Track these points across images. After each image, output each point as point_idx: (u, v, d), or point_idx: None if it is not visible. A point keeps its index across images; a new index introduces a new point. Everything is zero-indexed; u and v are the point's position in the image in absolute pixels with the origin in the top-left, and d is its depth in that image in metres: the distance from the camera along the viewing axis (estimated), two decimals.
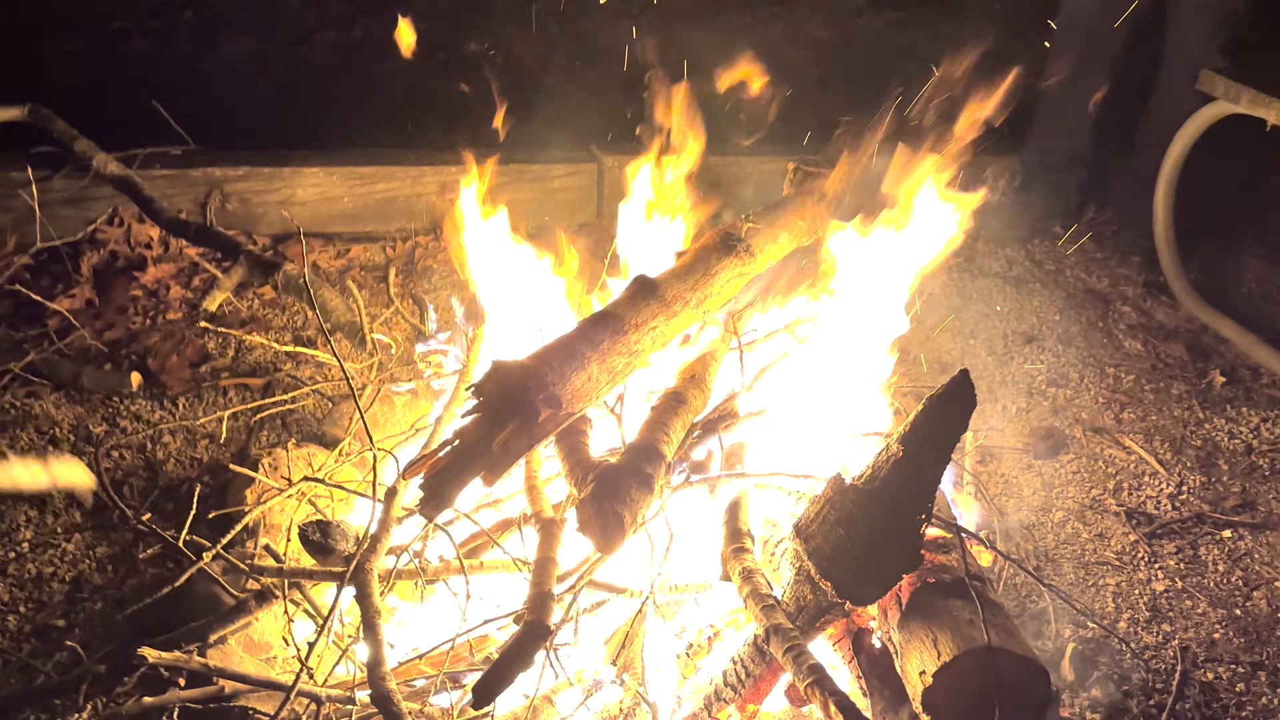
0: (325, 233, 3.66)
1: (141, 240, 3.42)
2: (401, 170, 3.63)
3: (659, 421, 1.90)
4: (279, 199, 3.58)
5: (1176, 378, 3.26)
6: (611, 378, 1.86)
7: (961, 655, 1.56)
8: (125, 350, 2.97)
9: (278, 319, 3.20)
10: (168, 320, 3.12)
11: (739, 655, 1.86)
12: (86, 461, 2.53)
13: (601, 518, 1.64)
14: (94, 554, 2.32)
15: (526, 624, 1.58)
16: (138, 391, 2.81)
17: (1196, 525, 2.66)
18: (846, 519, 1.67)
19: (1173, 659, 2.26)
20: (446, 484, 1.59)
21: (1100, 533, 2.60)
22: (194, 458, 2.61)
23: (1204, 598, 2.44)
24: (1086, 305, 3.62)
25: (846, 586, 1.67)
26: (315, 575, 1.85)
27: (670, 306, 2.02)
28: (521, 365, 1.70)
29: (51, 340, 2.90)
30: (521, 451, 1.69)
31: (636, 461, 1.74)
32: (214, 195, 3.49)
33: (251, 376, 2.91)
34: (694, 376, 2.09)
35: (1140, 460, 2.87)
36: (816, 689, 1.48)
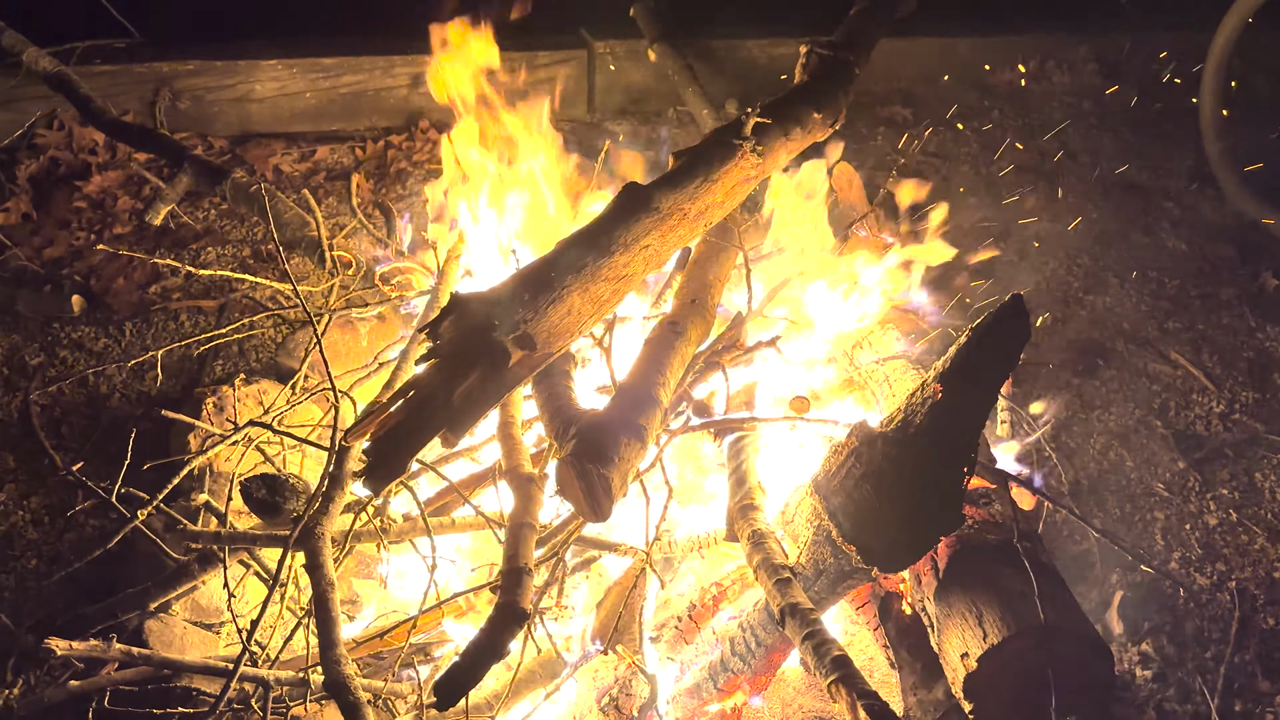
0: (287, 133, 3.33)
1: (85, 146, 3.10)
2: (369, 60, 3.28)
3: (654, 358, 1.63)
4: (234, 96, 3.24)
5: (1225, 281, 2.97)
6: (597, 308, 1.58)
7: (1012, 637, 1.32)
8: (67, 270, 2.69)
9: (236, 231, 2.90)
10: (115, 235, 2.83)
11: (747, 621, 1.62)
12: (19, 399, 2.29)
13: (586, 480, 1.38)
14: (29, 504, 2.09)
15: (498, 608, 1.34)
16: (80, 316, 2.54)
17: (1251, 448, 2.41)
18: (875, 473, 1.41)
19: (1229, 603, 2.03)
20: (397, 448, 1.32)
21: (1146, 459, 2.35)
22: (141, 391, 2.36)
23: (1261, 531, 2.20)
24: (1127, 200, 3.30)
25: (874, 551, 1.43)
26: (259, 540, 1.61)
27: (666, 219, 1.72)
28: (485, 299, 1.43)
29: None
30: (489, 403, 1.43)
31: (627, 411, 1.47)
32: (162, 93, 3.15)
33: (205, 298, 2.63)
34: (694, 300, 1.81)
35: (1187, 375, 2.61)
36: (842, 687, 1.24)
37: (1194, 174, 3.44)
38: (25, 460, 2.18)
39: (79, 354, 2.45)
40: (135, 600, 1.73)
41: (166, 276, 2.70)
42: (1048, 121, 3.66)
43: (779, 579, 1.42)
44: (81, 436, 2.24)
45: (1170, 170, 3.47)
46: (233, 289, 2.66)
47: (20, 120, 3.02)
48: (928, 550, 1.44)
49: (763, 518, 1.57)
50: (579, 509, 1.42)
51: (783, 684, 1.74)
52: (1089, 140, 3.60)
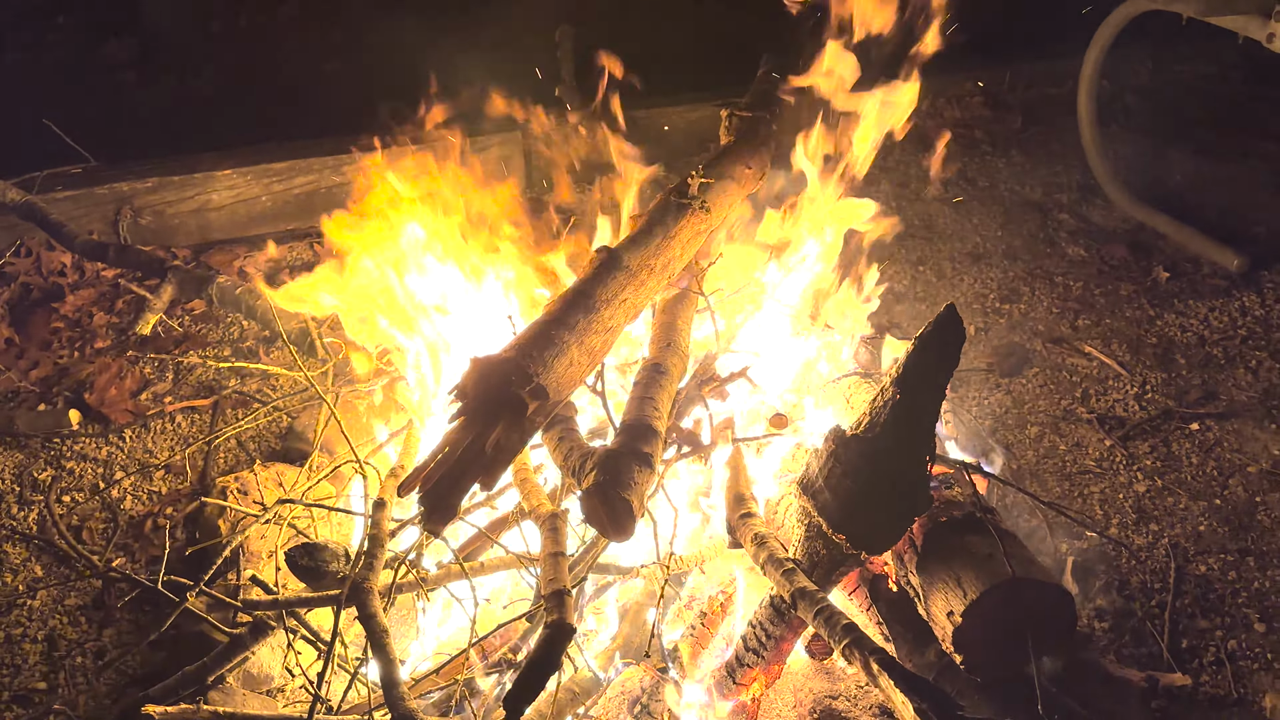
0: (247, 236, 3.50)
1: (54, 268, 3.24)
2: (319, 161, 3.48)
3: (645, 396, 1.85)
4: (193, 207, 3.41)
5: (1123, 278, 3.31)
6: (592, 359, 1.80)
7: (988, 591, 1.55)
8: (57, 387, 2.81)
9: (213, 333, 3.05)
10: (97, 349, 2.96)
11: (756, 619, 1.83)
12: (36, 512, 2.41)
13: (609, 506, 1.59)
14: (64, 607, 2.20)
15: (549, 625, 1.53)
16: (79, 429, 2.67)
17: (1165, 422, 2.71)
18: (853, 470, 1.64)
19: (1165, 557, 2.30)
20: (446, 495, 1.52)
21: (1076, 442, 2.63)
22: (152, 491, 2.49)
23: (1184, 492, 2.49)
24: (1025, 216, 3.64)
25: (861, 537, 1.65)
26: (312, 601, 1.77)
27: (637, 276, 1.96)
28: (502, 359, 1.63)
29: None
30: (516, 450, 1.63)
31: (633, 442, 1.69)
32: (124, 211, 3.31)
33: (197, 398, 2.78)
34: (669, 344, 2.03)
35: (1102, 365, 2.91)
36: (855, 649, 1.45)
37: (1082, 186, 3.81)
38: (51, 568, 2.30)
39: (85, 464, 2.57)
40: (194, 677, 1.86)
41: (155, 382, 2.85)
42: (947, 153, 4.01)
43: (785, 570, 1.63)
44: (103, 539, 2.37)
45: (1061, 185, 3.83)
46: (223, 387, 2.82)
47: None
48: (905, 531, 1.67)
49: (759, 522, 1.78)
50: (603, 532, 1.62)
51: (790, 675, 1.94)
52: (985, 165, 3.96)
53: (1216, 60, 4.76)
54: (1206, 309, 3.15)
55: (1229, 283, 3.28)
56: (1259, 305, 3.17)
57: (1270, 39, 2.97)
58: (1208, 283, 3.29)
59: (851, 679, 1.91)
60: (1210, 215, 3.66)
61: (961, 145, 4.06)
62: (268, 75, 4.19)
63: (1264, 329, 3.07)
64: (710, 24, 4.67)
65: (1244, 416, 2.72)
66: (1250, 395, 2.80)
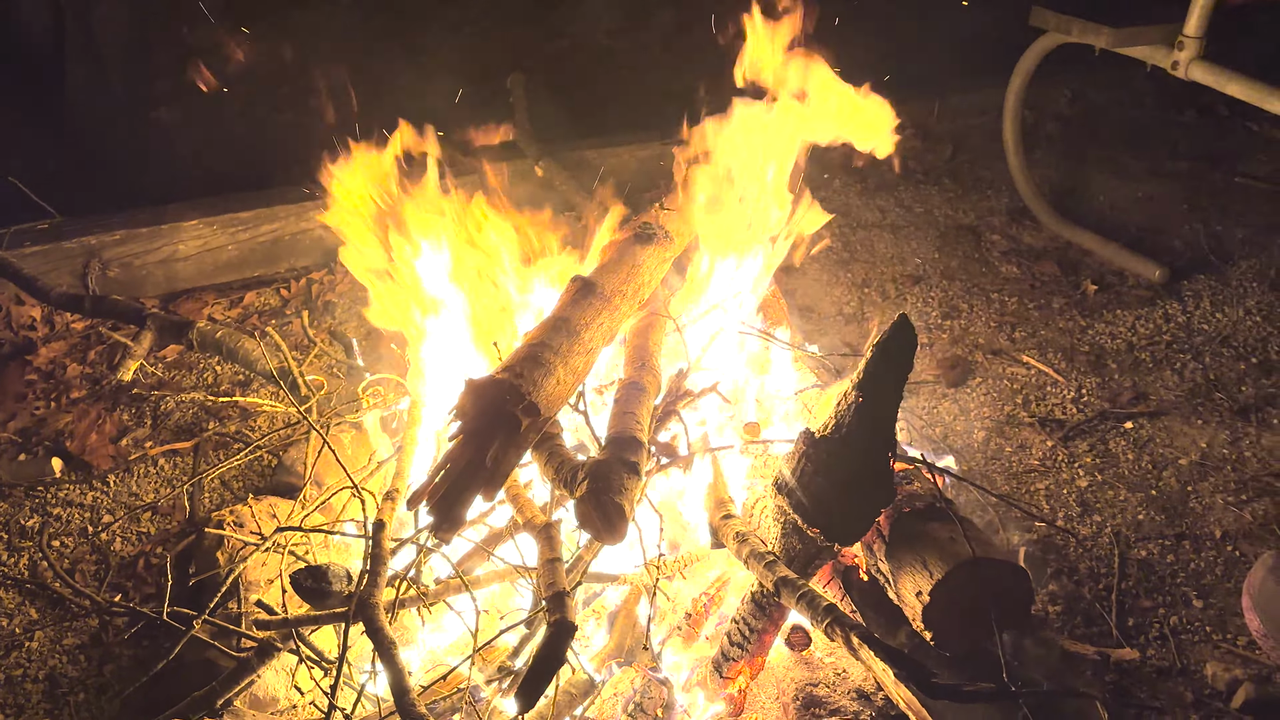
0: (214, 284, 3.58)
1: (24, 322, 3.29)
2: (283, 209, 3.58)
3: (626, 412, 1.98)
4: (160, 258, 3.48)
5: (1054, 293, 3.52)
6: (576, 378, 1.93)
7: (953, 570, 1.70)
8: (36, 437, 2.86)
9: (187, 379, 3.12)
10: (72, 399, 3.02)
11: (740, 615, 1.96)
12: (26, 558, 2.46)
13: (602, 510, 1.71)
14: (62, 647, 2.25)
15: (554, 624, 1.64)
16: (61, 477, 2.72)
17: (1101, 422, 2.90)
18: (823, 468, 1.79)
19: (1109, 544, 2.48)
20: (452, 506, 1.63)
21: (1021, 444, 2.81)
22: (141, 532, 2.55)
23: (1123, 485, 2.67)
24: (960, 239, 3.86)
25: (834, 530, 1.79)
26: (321, 619, 1.86)
27: (611, 301, 2.10)
28: (496, 380, 1.76)
29: None
30: (513, 463, 1.75)
31: (620, 452, 1.81)
32: (93, 264, 3.37)
33: (178, 441, 2.85)
34: (643, 364, 2.17)
35: (1040, 373, 3.11)
36: (837, 627, 1.59)
37: (1011, 209, 4.04)
38: (46, 610, 2.35)
39: (72, 509, 2.62)
40: (203, 701, 1.94)
41: (134, 428, 2.91)
42: (882, 183, 4.23)
43: (767, 562, 1.77)
44: (95, 580, 2.42)
45: (992, 209, 4.06)
46: (203, 429, 2.89)
47: None
48: (873, 522, 1.82)
49: (739, 523, 1.92)
50: (597, 536, 1.74)
51: (772, 668, 2.06)
52: (919, 193, 4.18)
53: (1130, 88, 5.07)
54: (1133, 317, 3.37)
55: (1152, 293, 3.51)
56: (1180, 312, 3.40)
57: (1174, 66, 3.22)
58: (1133, 293, 3.52)
59: (829, 667, 2.04)
60: (1131, 231, 3.92)
61: (896, 175, 4.28)
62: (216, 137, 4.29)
63: (1186, 334, 3.29)
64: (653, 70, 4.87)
65: (1173, 414, 2.93)
66: (1177, 394, 3.01)
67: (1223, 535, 2.51)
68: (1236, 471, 2.71)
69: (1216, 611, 2.31)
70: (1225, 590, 2.36)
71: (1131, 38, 3.26)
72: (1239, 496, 2.63)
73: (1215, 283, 3.57)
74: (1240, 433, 2.85)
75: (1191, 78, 3.19)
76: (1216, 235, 3.90)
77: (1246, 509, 2.58)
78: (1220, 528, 2.53)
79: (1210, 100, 4.79)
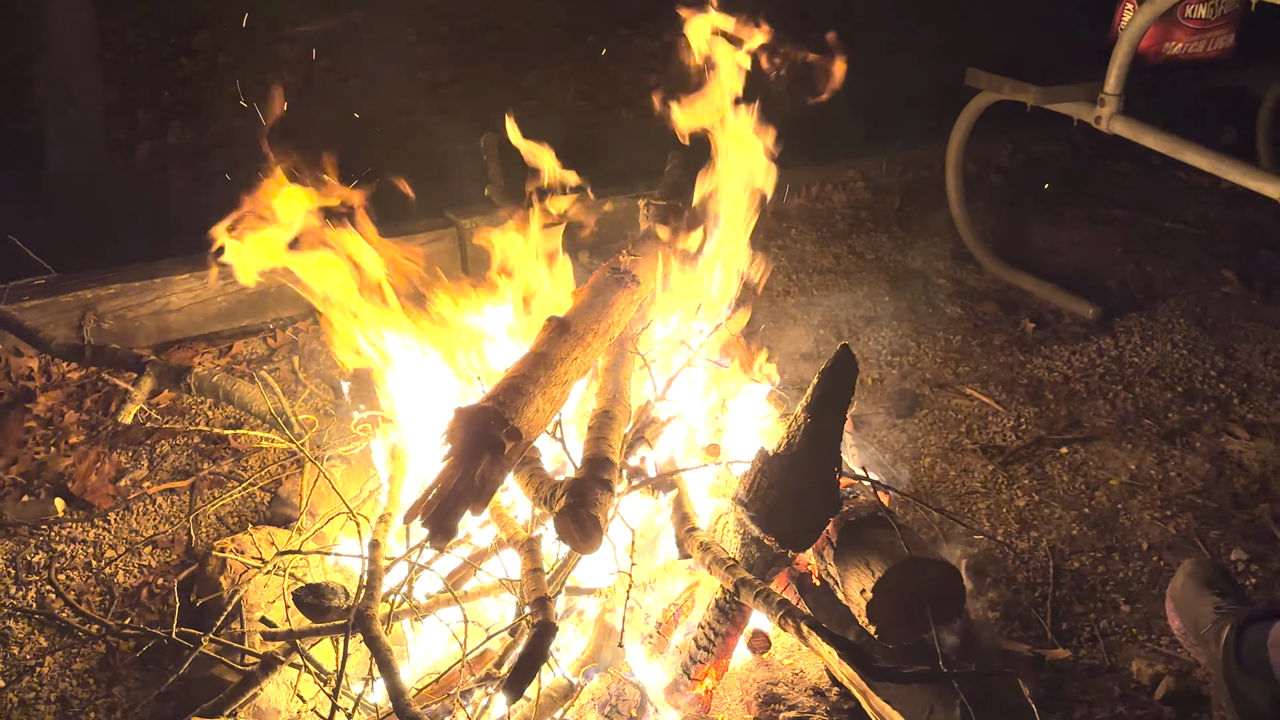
0: (204, 334, 3.76)
1: (22, 373, 3.45)
2: None
3: (600, 437, 2.18)
4: (153, 310, 3.66)
5: (995, 330, 3.78)
6: (553, 406, 2.13)
7: (892, 568, 1.91)
8: (37, 480, 3.01)
9: (180, 423, 3.29)
10: (71, 444, 3.17)
11: (705, 620, 2.15)
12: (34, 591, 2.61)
13: (579, 523, 1.90)
14: (71, 671, 2.39)
15: (537, 625, 1.83)
16: (64, 516, 2.87)
17: (1039, 448, 3.14)
18: (777, 483, 2.00)
19: (1045, 557, 2.69)
20: (445, 518, 1.81)
21: (964, 469, 3.04)
22: (142, 565, 2.70)
23: (1058, 504, 2.90)
24: (908, 283, 4.12)
25: (787, 538, 2.00)
26: (322, 630, 2.03)
27: (584, 339, 2.31)
28: (482, 408, 1.95)
29: None
30: (498, 482, 1.94)
31: (595, 471, 2.01)
32: (88, 316, 3.55)
33: (174, 480, 3.01)
34: (615, 395, 2.38)
35: (982, 404, 3.34)
36: (789, 619, 1.79)
37: (955, 254, 4.31)
38: (55, 638, 2.49)
39: (75, 545, 2.77)
40: (210, 711, 2.10)
41: (131, 470, 3.07)
42: (835, 232, 4.50)
43: (728, 566, 1.96)
44: (101, 609, 2.57)
45: (937, 254, 4.34)
46: (197, 469, 3.05)
47: None
48: (823, 530, 2.02)
49: (703, 534, 2.11)
50: (575, 547, 1.93)
51: (734, 673, 2.25)
52: (870, 240, 4.45)
53: (1069, 141, 5.41)
54: (1069, 352, 3.62)
55: (1087, 329, 3.78)
56: (1113, 346, 3.66)
57: (1097, 121, 3.51)
58: (1068, 330, 3.78)
59: (788, 668, 2.23)
60: (1068, 273, 4.20)
61: (849, 224, 4.56)
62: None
63: (1118, 366, 3.55)
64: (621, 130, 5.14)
65: (1105, 439, 3.17)
66: (1109, 421, 3.25)
67: (1149, 547, 2.73)
68: (1162, 490, 2.94)
69: (1142, 615, 2.53)
70: (1151, 596, 2.58)
71: (1057, 95, 3.55)
72: (1164, 512, 2.86)
73: (1145, 319, 3.84)
74: (1166, 455, 3.09)
75: (1113, 131, 3.48)
76: (1147, 276, 4.19)
77: (1171, 523, 2.81)
78: (1147, 540, 2.75)
79: (1144, 151, 5.11)
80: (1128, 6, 3.57)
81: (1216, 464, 3.04)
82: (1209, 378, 3.48)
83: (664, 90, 2.56)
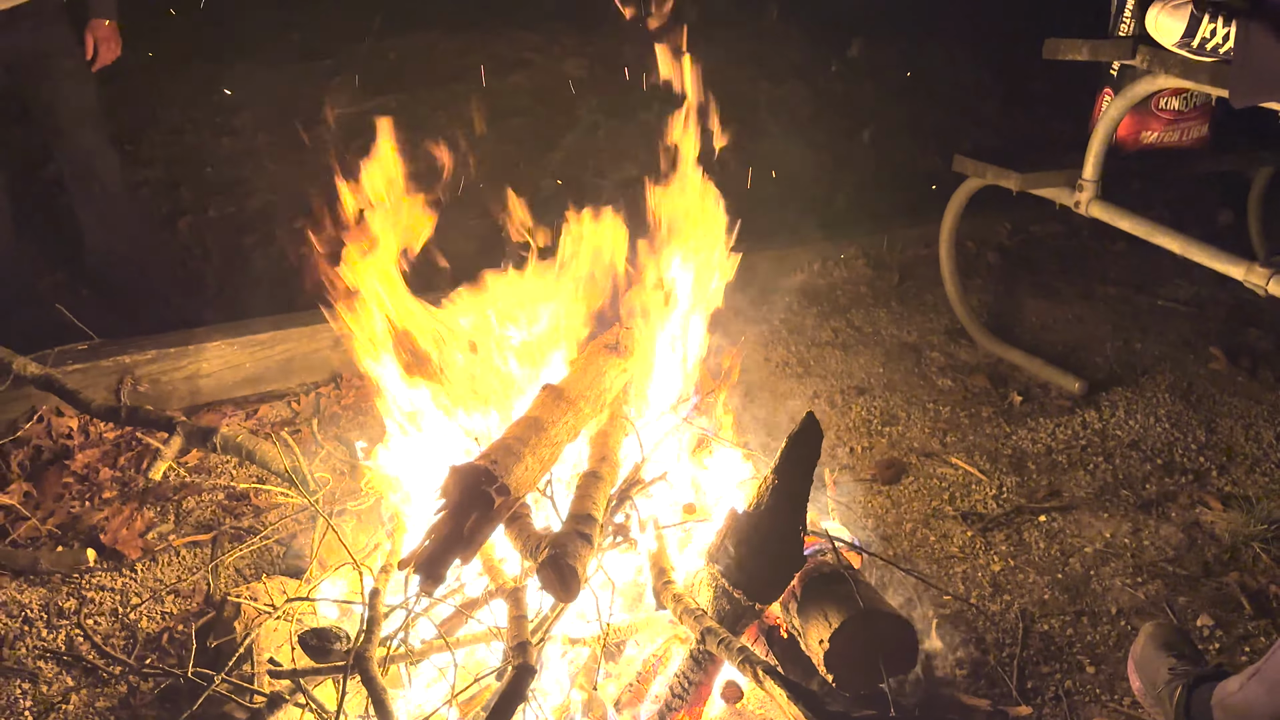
0: (233, 398, 3.99)
1: (62, 432, 3.68)
2: (297, 331, 4.01)
3: (585, 495, 2.36)
4: (186, 375, 3.90)
5: (984, 403, 3.93)
6: (543, 466, 2.32)
7: (847, 620, 2.06)
8: (71, 532, 3.22)
9: (206, 481, 3.50)
10: (104, 499, 3.39)
11: (680, 670, 2.30)
12: (64, 634, 2.80)
13: (559, 573, 2.07)
14: (95, 708, 2.57)
15: (516, 667, 2.00)
16: (95, 565, 3.07)
17: (1018, 516, 3.27)
18: (745, 539, 2.17)
19: (1015, 619, 2.82)
20: (435, 565, 2.00)
21: (944, 534, 3.18)
22: (165, 611, 2.89)
23: (1032, 569, 3.02)
24: (902, 356, 4.29)
25: (754, 591, 2.16)
26: (323, 671, 2.21)
27: (575, 404, 2.51)
28: (474, 466, 2.15)
29: (3, 533, 3.14)
30: (486, 534, 2.12)
31: (576, 526, 2.19)
32: (126, 380, 3.79)
33: (198, 534, 3.21)
34: (604, 457, 2.56)
35: (966, 473, 3.49)
36: (747, 664, 1.94)
37: (950, 330, 4.48)
38: (81, 678, 2.68)
39: (104, 593, 2.97)
40: None
41: (159, 523, 3.27)
42: (835, 306, 4.69)
43: (695, 615, 2.12)
44: (125, 652, 2.75)
45: (931, 328, 4.51)
46: (220, 523, 3.26)
47: (8, 419, 3.60)
48: (788, 583, 2.18)
49: (677, 586, 2.28)
50: (556, 596, 2.10)
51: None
52: (869, 315, 4.64)
53: (1067, 221, 5.59)
54: (1053, 424, 3.77)
55: (1072, 403, 3.92)
56: (1097, 420, 3.80)
57: (1077, 205, 3.70)
58: (1054, 403, 3.93)
59: (759, 717, 2.36)
60: (1059, 349, 4.36)
61: (849, 299, 4.76)
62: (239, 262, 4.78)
63: (1100, 439, 3.69)
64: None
65: (1082, 509, 3.30)
66: (1088, 491, 3.39)
67: (1117, 611, 2.85)
68: (1135, 558, 3.07)
69: (1106, 677, 2.64)
70: (1116, 659, 2.69)
71: (1038, 181, 3.75)
72: (1135, 579, 2.98)
73: (1131, 394, 3.98)
74: (1141, 524, 3.21)
75: (1091, 215, 3.67)
76: (1136, 352, 4.34)
77: (1141, 589, 2.93)
78: (1116, 605, 2.87)
79: None
80: (1106, 96, 3.78)
81: (1189, 533, 3.16)
82: (1189, 451, 3.61)
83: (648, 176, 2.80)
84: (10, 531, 3.16)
